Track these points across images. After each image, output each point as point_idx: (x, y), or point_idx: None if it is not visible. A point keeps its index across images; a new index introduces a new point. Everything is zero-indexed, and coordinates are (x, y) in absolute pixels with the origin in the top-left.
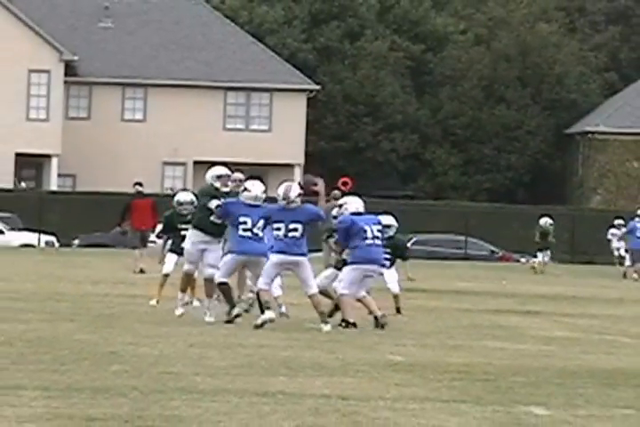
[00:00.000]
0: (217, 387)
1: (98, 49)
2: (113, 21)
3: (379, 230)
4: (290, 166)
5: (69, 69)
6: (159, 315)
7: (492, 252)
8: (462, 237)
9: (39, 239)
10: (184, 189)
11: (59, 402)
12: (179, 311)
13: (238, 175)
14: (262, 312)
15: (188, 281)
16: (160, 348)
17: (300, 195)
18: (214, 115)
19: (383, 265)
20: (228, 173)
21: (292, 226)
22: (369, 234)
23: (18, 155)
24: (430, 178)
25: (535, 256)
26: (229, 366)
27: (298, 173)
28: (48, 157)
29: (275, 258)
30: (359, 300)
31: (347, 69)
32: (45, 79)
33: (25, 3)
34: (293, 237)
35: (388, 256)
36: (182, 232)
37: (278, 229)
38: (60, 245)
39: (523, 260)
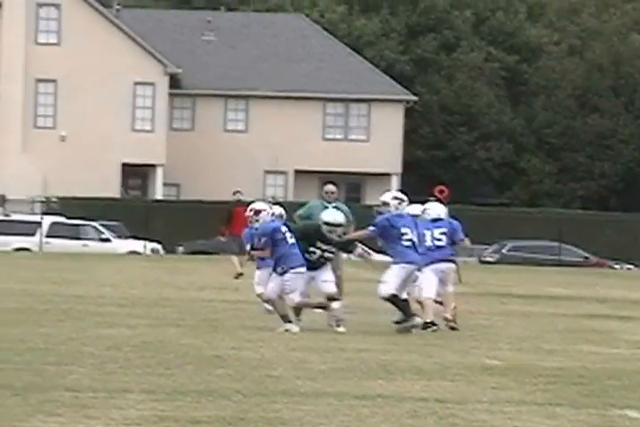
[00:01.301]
0: (317, 390)
1: (201, 62)
2: (215, 35)
3: (441, 233)
4: (387, 175)
5: (173, 82)
6: (262, 320)
7: (586, 258)
8: (556, 244)
9: (145, 247)
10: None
11: (164, 405)
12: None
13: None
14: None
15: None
16: (262, 352)
17: None
18: (314, 125)
19: (452, 261)
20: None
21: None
22: (428, 237)
23: (124, 165)
24: (525, 186)
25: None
26: (329, 369)
27: (395, 182)
28: (153, 166)
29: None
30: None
31: (443, 80)
32: (150, 91)
33: (131, 17)
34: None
35: None
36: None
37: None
38: (166, 252)
39: (617, 266)
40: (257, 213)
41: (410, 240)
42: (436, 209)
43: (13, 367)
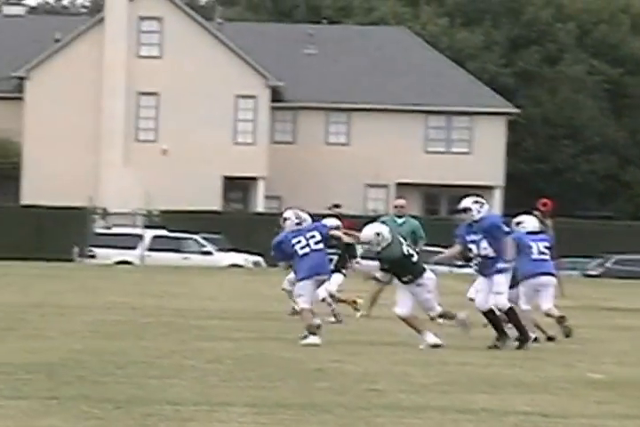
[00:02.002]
0: (420, 404)
1: (302, 75)
2: (317, 48)
3: (545, 247)
4: (490, 188)
5: (275, 95)
6: (364, 333)
7: None
8: None
9: (246, 259)
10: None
11: (266, 418)
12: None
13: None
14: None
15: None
16: (365, 365)
17: None
18: (416, 138)
19: (552, 275)
20: None
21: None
22: (534, 250)
23: (226, 178)
24: (629, 198)
25: None
26: (432, 383)
27: (498, 195)
28: (255, 179)
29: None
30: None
31: (546, 93)
32: (252, 104)
33: (232, 30)
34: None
35: None
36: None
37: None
38: (267, 265)
39: None
40: (284, 220)
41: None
42: (532, 222)
43: (115, 381)
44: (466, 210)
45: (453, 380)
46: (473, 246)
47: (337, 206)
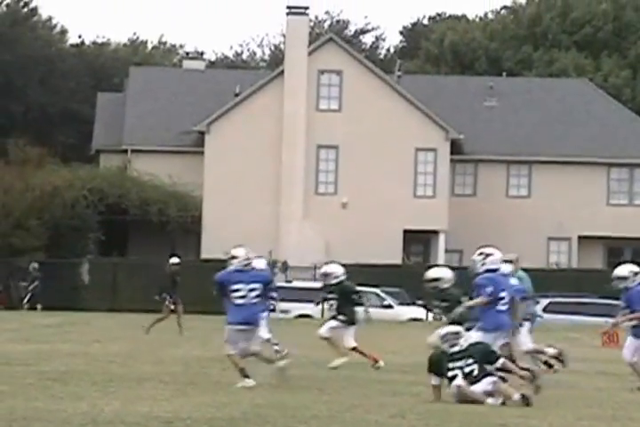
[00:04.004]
0: None
1: (483, 127)
2: (497, 100)
3: None
4: None
5: (455, 147)
6: (546, 387)
7: None
8: None
9: (427, 313)
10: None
11: None
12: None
13: None
14: None
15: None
16: (549, 420)
17: None
18: (598, 190)
19: None
20: None
21: None
22: None
23: (406, 231)
24: None
25: None
26: None
27: None
28: (435, 232)
29: None
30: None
31: None
32: (432, 157)
33: (412, 83)
34: None
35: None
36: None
37: None
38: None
39: None
40: (231, 258)
41: None
42: None
43: None
44: (622, 278)
45: None
46: None
47: (513, 261)
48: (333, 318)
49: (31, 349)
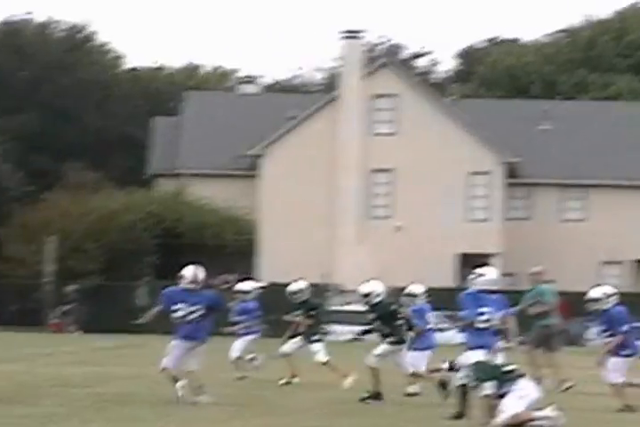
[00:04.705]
0: None
1: (538, 151)
2: (552, 123)
3: None
4: None
5: (509, 171)
6: None
7: None
8: None
9: None
10: None
11: None
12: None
13: None
14: None
15: None
16: None
17: None
18: None
19: None
20: None
21: None
22: None
23: (460, 255)
24: None
25: None
26: None
27: None
28: (489, 256)
29: None
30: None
31: None
32: (486, 181)
33: (467, 107)
34: None
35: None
36: None
37: None
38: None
39: None
40: (180, 277)
41: None
42: None
43: None
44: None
45: None
46: None
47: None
48: (383, 342)
49: (87, 371)
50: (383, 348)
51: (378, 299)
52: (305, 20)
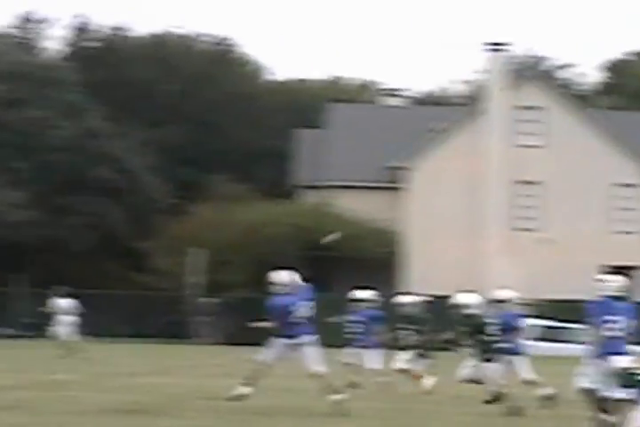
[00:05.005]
0: None
1: None
2: None
3: None
4: None
5: None
6: None
7: None
8: None
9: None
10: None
11: None
12: None
13: None
14: None
15: None
16: None
17: None
18: None
19: None
20: None
21: None
22: None
23: (605, 266)
24: None
25: None
26: None
27: None
28: (634, 268)
29: None
30: None
31: None
32: (631, 193)
33: (615, 119)
34: None
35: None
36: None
37: None
38: None
39: None
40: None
41: None
42: None
43: None
44: None
45: None
46: None
47: None
48: (478, 359)
49: (234, 383)
50: (472, 363)
51: (469, 311)
52: (449, 33)
